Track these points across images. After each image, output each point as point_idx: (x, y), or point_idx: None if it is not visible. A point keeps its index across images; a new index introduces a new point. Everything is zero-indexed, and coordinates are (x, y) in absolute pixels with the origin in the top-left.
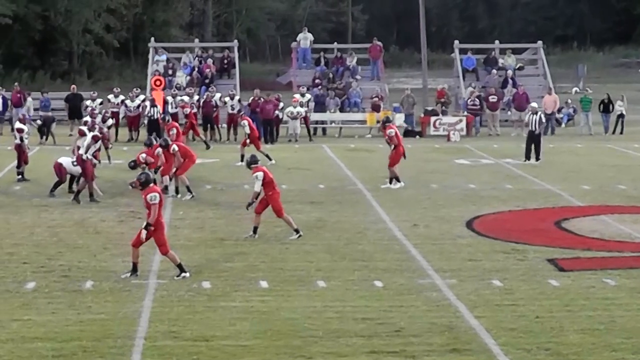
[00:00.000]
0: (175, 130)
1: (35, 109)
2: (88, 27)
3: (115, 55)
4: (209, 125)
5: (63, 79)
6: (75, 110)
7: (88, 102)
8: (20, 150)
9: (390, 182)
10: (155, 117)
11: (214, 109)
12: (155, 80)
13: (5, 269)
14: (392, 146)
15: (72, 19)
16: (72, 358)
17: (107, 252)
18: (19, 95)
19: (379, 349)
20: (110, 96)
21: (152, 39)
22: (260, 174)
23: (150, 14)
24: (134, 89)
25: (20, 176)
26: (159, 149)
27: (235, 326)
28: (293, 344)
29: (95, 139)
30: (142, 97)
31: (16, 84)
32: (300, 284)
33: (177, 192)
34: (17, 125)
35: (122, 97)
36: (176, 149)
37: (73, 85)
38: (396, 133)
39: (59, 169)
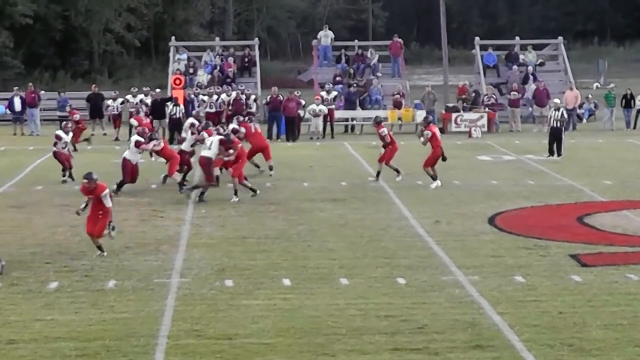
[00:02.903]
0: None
1: (52, 109)
2: (109, 26)
3: (136, 54)
4: None
5: (84, 78)
6: (96, 109)
7: (109, 102)
8: (59, 156)
9: (433, 180)
10: (178, 115)
11: (244, 107)
12: (175, 79)
13: (28, 269)
14: (384, 144)
15: (93, 19)
16: (95, 357)
17: (130, 251)
18: (33, 95)
19: (402, 346)
20: (129, 96)
21: (173, 37)
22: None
23: (170, 12)
24: (141, 88)
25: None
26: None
27: (258, 324)
28: (316, 342)
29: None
30: (140, 96)
31: (30, 84)
32: (322, 281)
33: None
34: (57, 132)
35: (140, 96)
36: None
37: (94, 85)
38: (388, 133)
39: (130, 166)
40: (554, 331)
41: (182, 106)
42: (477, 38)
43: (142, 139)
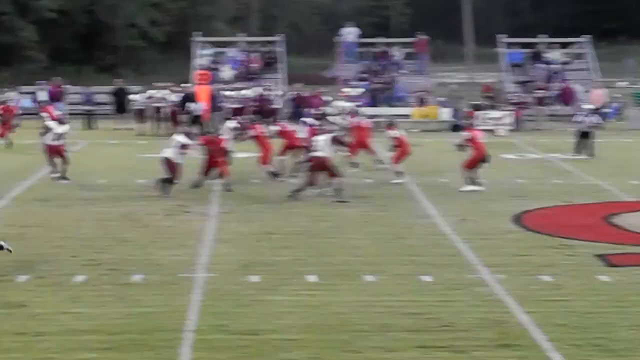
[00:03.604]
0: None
1: (77, 103)
2: (133, 21)
3: (160, 49)
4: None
5: (109, 73)
6: (121, 104)
7: (134, 97)
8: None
9: (471, 185)
10: (198, 113)
11: (269, 103)
12: (200, 75)
13: (55, 263)
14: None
15: (118, 13)
16: (121, 351)
17: (155, 246)
18: (58, 89)
19: (427, 344)
20: (153, 91)
21: (197, 33)
22: None
23: (195, 7)
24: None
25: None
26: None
27: (284, 320)
28: (341, 339)
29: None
30: (152, 91)
31: (55, 78)
32: (348, 278)
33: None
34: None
35: (164, 91)
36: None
37: (118, 79)
38: (400, 136)
39: (174, 165)
40: (581, 331)
41: (201, 102)
42: (502, 36)
43: (187, 140)
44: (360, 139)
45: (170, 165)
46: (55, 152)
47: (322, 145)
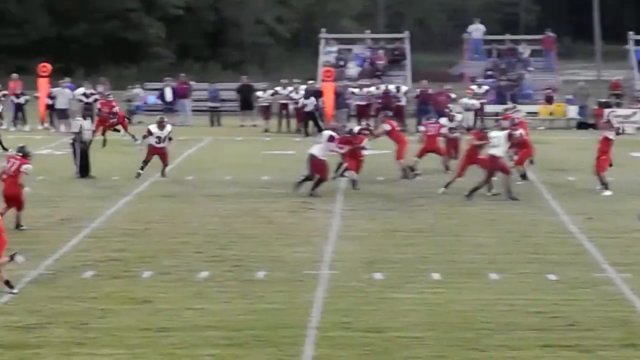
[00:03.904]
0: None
1: (203, 100)
2: (259, 17)
3: (286, 46)
4: None
5: (234, 69)
6: (246, 101)
7: (259, 93)
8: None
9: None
10: (310, 108)
11: (394, 100)
12: (325, 72)
13: (179, 258)
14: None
15: (243, 10)
16: (244, 347)
17: (279, 242)
18: (184, 86)
19: (552, 343)
20: (278, 88)
21: (323, 29)
22: None
23: (321, 4)
24: (291, 80)
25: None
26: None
27: (407, 318)
28: (466, 337)
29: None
30: (277, 88)
31: (180, 75)
32: (472, 276)
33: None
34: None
35: (289, 88)
36: None
37: (244, 77)
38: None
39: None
40: None
41: (319, 99)
42: (630, 32)
43: (335, 135)
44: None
45: (316, 163)
46: (155, 153)
47: (499, 142)
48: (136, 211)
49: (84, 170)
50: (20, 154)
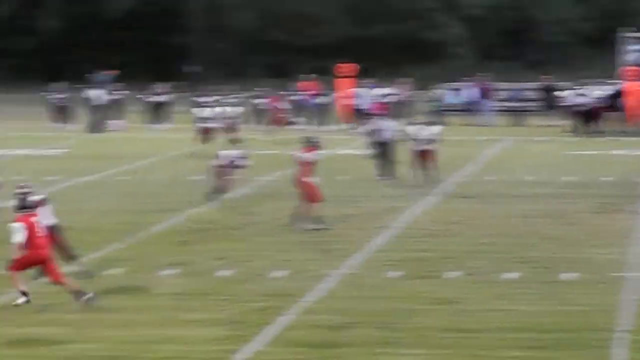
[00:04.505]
0: None
1: (505, 100)
2: (560, 16)
3: (588, 44)
4: None
5: (536, 69)
6: (548, 101)
7: (562, 93)
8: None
9: None
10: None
11: None
12: (628, 71)
13: (483, 259)
14: None
15: (546, 9)
16: (550, 349)
17: (584, 243)
18: (486, 86)
19: None
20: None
21: (623, 28)
22: None
23: (625, 2)
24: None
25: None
26: None
27: None
28: None
29: None
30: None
31: (479, 75)
32: None
33: None
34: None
35: (589, 87)
36: None
37: (546, 76)
38: None
39: None
40: None
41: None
42: None
43: None
44: None
45: None
46: (421, 157)
47: None
48: (436, 212)
49: (383, 169)
50: (311, 144)
